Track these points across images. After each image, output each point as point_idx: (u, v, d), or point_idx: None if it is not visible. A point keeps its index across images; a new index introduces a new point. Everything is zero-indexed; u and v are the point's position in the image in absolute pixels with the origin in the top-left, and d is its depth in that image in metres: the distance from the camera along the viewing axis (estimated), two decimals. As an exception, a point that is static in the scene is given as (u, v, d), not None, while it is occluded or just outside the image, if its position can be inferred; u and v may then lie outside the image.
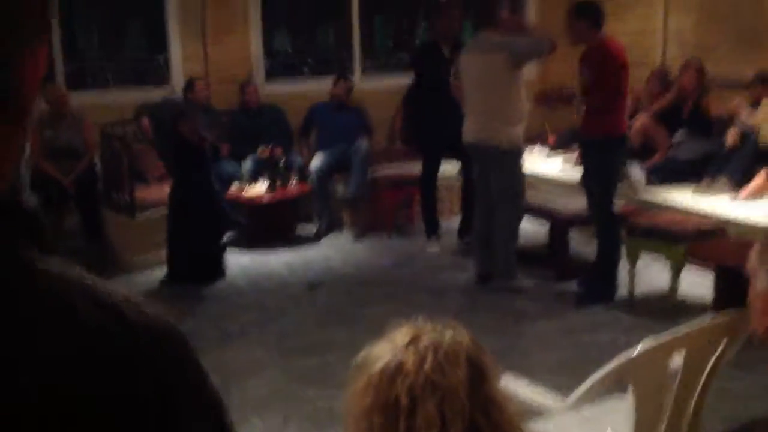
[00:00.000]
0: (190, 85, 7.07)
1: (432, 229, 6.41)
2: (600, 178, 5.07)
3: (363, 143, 7.08)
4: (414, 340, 1.34)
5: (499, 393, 1.34)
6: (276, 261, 6.33)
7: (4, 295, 0.65)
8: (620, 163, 5.29)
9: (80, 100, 6.77)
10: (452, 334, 1.38)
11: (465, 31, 6.16)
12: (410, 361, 1.30)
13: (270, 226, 6.82)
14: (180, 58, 7.49)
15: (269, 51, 7.89)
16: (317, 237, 6.92)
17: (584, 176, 5.23)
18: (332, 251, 6.59)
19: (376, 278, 5.88)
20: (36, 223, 0.71)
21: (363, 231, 6.95)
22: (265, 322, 5.03)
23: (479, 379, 1.32)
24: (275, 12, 7.91)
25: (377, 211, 7.05)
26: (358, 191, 6.97)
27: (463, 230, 6.34)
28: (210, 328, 4.96)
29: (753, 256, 1.51)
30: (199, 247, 5.72)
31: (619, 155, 5.18)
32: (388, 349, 1.36)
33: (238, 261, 6.27)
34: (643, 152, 6.52)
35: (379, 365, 1.32)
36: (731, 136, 5.86)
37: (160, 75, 7.62)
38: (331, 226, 7.04)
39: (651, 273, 5.45)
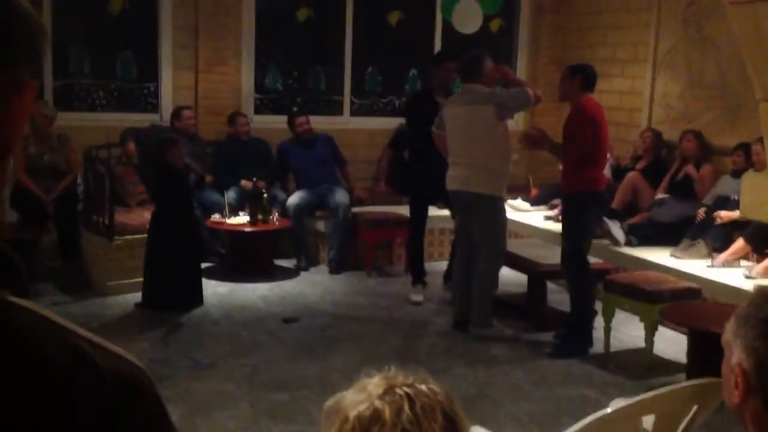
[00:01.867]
0: (177, 113, 7.09)
1: (418, 277, 6.30)
2: (573, 232, 5.17)
3: (342, 202, 7.01)
4: (389, 390, 1.33)
5: None
6: (253, 293, 6.30)
7: None
8: (594, 219, 5.37)
9: (67, 120, 6.77)
10: (427, 386, 1.38)
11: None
12: (386, 411, 1.29)
13: (249, 258, 6.80)
14: (170, 87, 7.52)
15: (260, 86, 7.94)
16: (295, 271, 6.91)
17: (562, 230, 5.34)
18: (310, 287, 6.57)
19: (352, 317, 5.86)
20: (11, 266, 0.72)
21: (338, 269, 6.94)
22: (237, 355, 4.98)
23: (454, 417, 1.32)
24: (269, 49, 7.99)
25: (358, 250, 7.06)
26: (339, 256, 6.94)
27: (449, 275, 6.32)
28: (181, 357, 4.91)
29: (728, 329, 1.52)
30: (176, 274, 5.68)
31: (594, 211, 5.27)
32: (362, 397, 1.34)
33: (216, 290, 6.23)
34: (624, 210, 6.60)
35: (353, 413, 1.30)
36: (700, 214, 6.05)
37: (149, 102, 7.64)
38: (309, 262, 7.04)
39: (627, 330, 5.48)
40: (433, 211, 6.42)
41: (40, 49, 0.76)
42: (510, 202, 7.33)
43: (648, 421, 2.40)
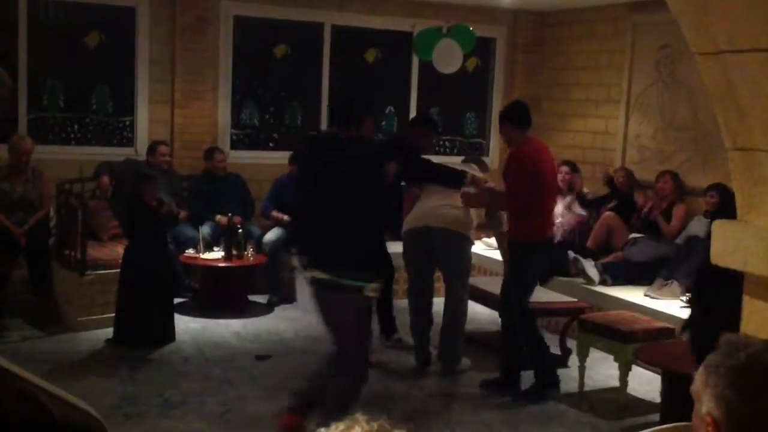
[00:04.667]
0: (152, 148, 7.06)
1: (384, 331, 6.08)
2: (517, 281, 5.04)
3: None
4: None
5: None
6: (226, 329, 6.23)
7: None
8: (537, 267, 5.13)
9: (41, 153, 6.71)
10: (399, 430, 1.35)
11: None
12: None
13: (223, 293, 6.75)
14: (146, 121, 7.50)
15: (236, 122, 7.94)
16: (269, 307, 6.87)
17: (509, 277, 5.22)
18: (283, 323, 6.52)
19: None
20: None
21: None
22: (209, 392, 4.91)
23: None
24: (246, 85, 8.00)
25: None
26: None
27: (387, 330, 6.10)
28: (152, 394, 4.83)
29: (697, 378, 1.52)
30: (148, 310, 5.61)
31: (538, 261, 5.07)
32: None
33: (188, 326, 6.16)
34: (599, 249, 6.64)
35: None
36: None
37: (125, 136, 7.60)
38: (282, 298, 7.00)
39: (601, 369, 5.47)
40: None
41: None
42: (484, 239, 7.36)
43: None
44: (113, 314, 5.72)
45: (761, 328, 1.91)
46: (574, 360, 5.21)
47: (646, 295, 5.90)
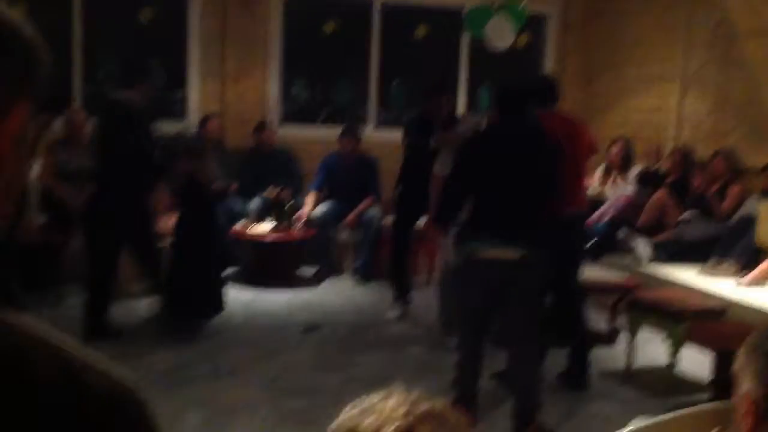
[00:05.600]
0: (204, 121, 7.14)
1: (399, 290, 6.13)
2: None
3: (375, 215, 7.05)
4: (410, 409, 1.30)
5: None
6: (275, 300, 6.31)
7: None
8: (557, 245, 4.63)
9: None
10: (438, 402, 1.36)
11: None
12: (421, 429, 1.26)
13: (272, 266, 6.82)
14: (198, 96, 7.59)
15: (286, 96, 7.99)
16: (317, 280, 6.93)
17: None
18: (332, 295, 6.58)
19: (373, 326, 5.84)
20: (2, 283, 0.72)
21: (365, 278, 6.94)
22: (258, 361, 4.98)
23: None
24: (296, 60, 8.04)
25: (381, 259, 7.04)
26: (365, 269, 6.95)
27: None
28: (203, 362, 4.92)
29: (738, 358, 1.50)
30: (199, 280, 5.69)
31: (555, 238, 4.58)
32: (384, 417, 1.30)
33: (238, 297, 6.24)
34: (651, 228, 6.55)
35: None
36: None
37: (177, 110, 7.70)
38: (331, 271, 7.05)
39: (651, 347, 5.41)
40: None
41: (32, 75, 0.77)
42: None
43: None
44: (167, 284, 5.81)
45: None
46: (623, 339, 5.16)
47: (700, 274, 5.81)
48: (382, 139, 7.92)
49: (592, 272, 5.63)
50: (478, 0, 7.61)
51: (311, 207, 7.13)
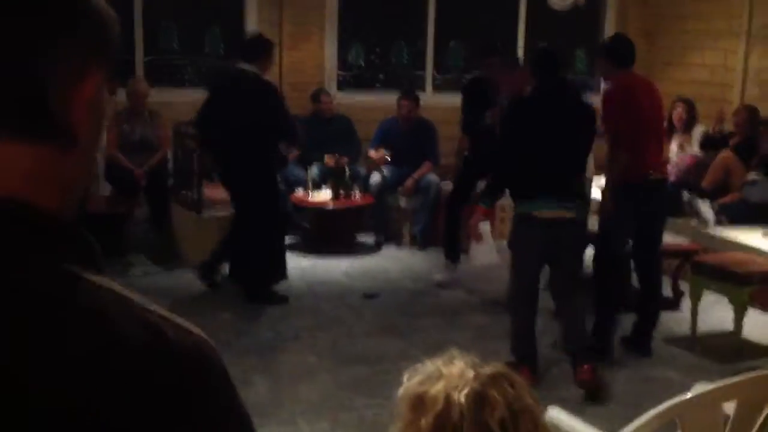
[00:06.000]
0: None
1: (449, 253, 6.16)
2: (603, 222, 4.79)
3: (433, 180, 7.03)
4: (477, 372, 1.33)
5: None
6: (335, 267, 6.39)
7: (43, 304, 0.70)
8: (629, 211, 4.68)
9: (158, 95, 6.95)
10: (505, 368, 1.39)
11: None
12: (492, 392, 1.29)
13: (331, 233, 6.89)
14: (256, 63, 7.62)
15: (342, 63, 7.98)
16: (377, 247, 6.98)
17: None
18: (391, 262, 6.63)
19: (432, 292, 5.88)
20: (88, 246, 0.76)
21: (424, 244, 6.97)
22: (319, 328, 5.08)
23: (537, 400, 1.34)
24: (352, 25, 8.01)
25: (439, 225, 7.04)
26: (424, 235, 6.95)
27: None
28: (265, 329, 5.03)
29: None
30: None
31: (628, 203, 4.65)
32: (453, 382, 1.32)
33: (299, 264, 6.34)
34: (715, 190, 6.40)
35: (457, 399, 1.27)
36: None
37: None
38: (390, 238, 7.09)
39: (715, 312, 5.34)
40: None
41: (106, 42, 0.79)
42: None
43: (731, 407, 2.35)
44: (231, 252, 5.93)
45: None
46: (686, 304, 5.10)
47: (765, 237, 5.67)
48: (440, 102, 7.86)
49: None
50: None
51: (381, 153, 7.13)
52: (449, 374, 1.35)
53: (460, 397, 1.26)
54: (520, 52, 8.15)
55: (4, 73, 0.71)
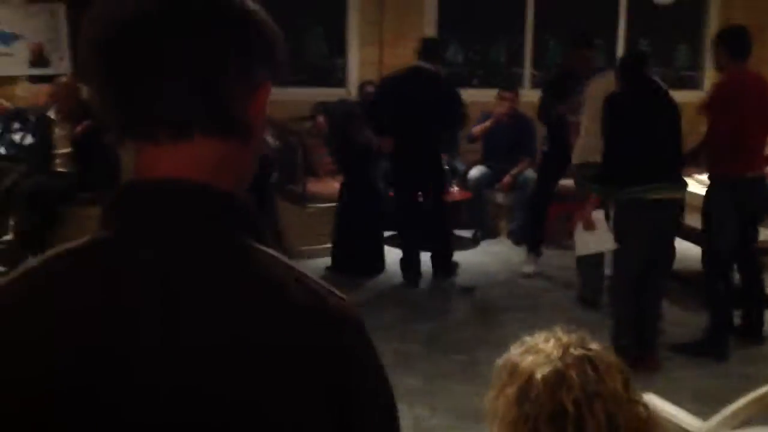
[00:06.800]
0: (361, 87, 7.43)
1: (532, 245, 6.34)
2: (706, 219, 4.79)
3: (530, 177, 7.02)
4: (566, 352, 1.44)
5: (636, 393, 1.46)
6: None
7: (224, 271, 0.88)
8: (731, 209, 4.67)
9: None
10: (597, 345, 1.49)
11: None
12: (572, 373, 1.40)
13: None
14: (357, 63, 7.87)
15: (441, 60, 8.10)
16: (474, 242, 7.10)
17: None
18: (488, 257, 6.75)
19: (529, 287, 5.99)
20: (254, 219, 0.94)
21: (520, 240, 7.05)
22: (416, 318, 5.26)
23: (628, 384, 1.45)
24: (451, 23, 8.15)
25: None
26: (521, 231, 6.98)
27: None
28: (366, 317, 5.21)
29: None
30: (361, 241, 6.03)
31: (730, 200, 4.66)
32: (541, 359, 1.45)
33: (397, 258, 6.51)
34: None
35: (538, 375, 1.41)
36: None
37: (337, 77, 8.03)
38: (487, 233, 7.20)
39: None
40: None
41: (275, 55, 0.98)
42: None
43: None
44: (331, 244, 6.19)
45: None
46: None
47: None
48: (538, 100, 7.90)
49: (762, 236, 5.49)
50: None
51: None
52: (542, 350, 1.48)
53: (541, 374, 1.39)
54: (620, 49, 8.13)
55: (197, 87, 0.89)
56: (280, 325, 0.87)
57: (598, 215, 4.79)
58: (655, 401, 2.46)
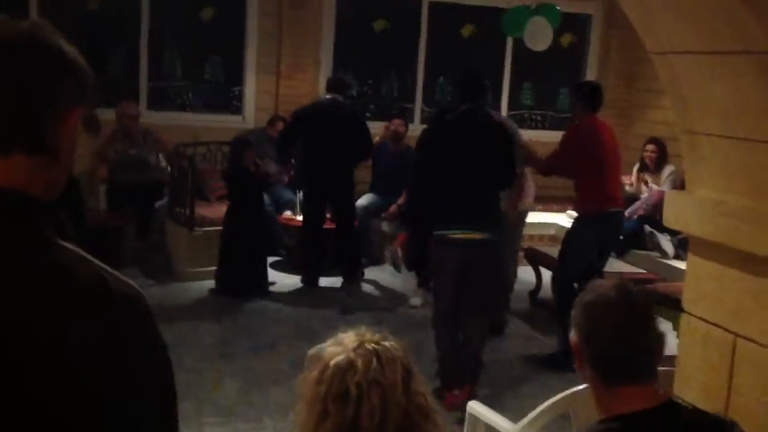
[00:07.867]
0: (272, 121, 7.62)
1: (421, 280, 6.40)
2: (562, 250, 5.29)
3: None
4: (361, 345, 1.69)
5: (422, 386, 1.70)
6: (318, 285, 6.72)
7: (26, 257, 1.10)
8: (588, 241, 5.13)
9: (159, 118, 7.38)
10: (390, 342, 1.74)
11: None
12: (359, 362, 1.65)
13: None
14: (254, 91, 8.06)
15: (336, 93, 8.38)
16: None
17: None
18: (371, 284, 6.98)
19: (406, 313, 6.24)
20: (59, 219, 1.15)
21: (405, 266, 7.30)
22: (294, 339, 5.43)
23: (410, 379, 1.68)
24: (347, 58, 8.44)
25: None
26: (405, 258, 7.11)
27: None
28: (244, 338, 5.39)
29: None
30: (245, 264, 6.18)
31: (588, 233, 5.11)
32: (339, 349, 1.69)
33: (283, 282, 6.70)
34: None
35: (332, 362, 1.65)
36: None
37: (234, 104, 8.20)
38: (371, 261, 7.44)
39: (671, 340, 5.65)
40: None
41: (84, 89, 1.18)
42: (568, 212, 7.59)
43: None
44: (218, 265, 6.31)
45: (699, 279, 2.21)
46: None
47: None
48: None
49: (615, 266, 5.90)
50: (517, 0, 7.90)
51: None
52: (343, 343, 1.72)
53: (335, 361, 1.63)
54: (505, 91, 8.59)
55: (15, 112, 1.11)
56: (65, 302, 1.07)
57: None
58: (476, 407, 2.72)
